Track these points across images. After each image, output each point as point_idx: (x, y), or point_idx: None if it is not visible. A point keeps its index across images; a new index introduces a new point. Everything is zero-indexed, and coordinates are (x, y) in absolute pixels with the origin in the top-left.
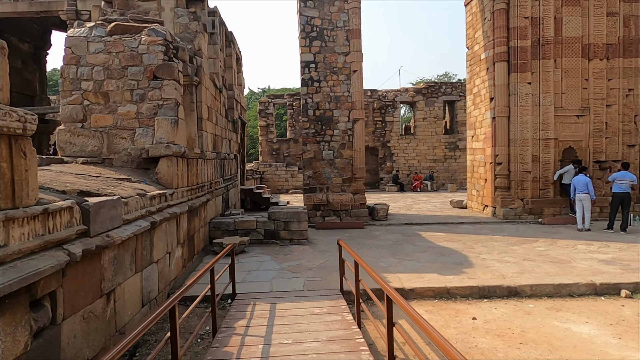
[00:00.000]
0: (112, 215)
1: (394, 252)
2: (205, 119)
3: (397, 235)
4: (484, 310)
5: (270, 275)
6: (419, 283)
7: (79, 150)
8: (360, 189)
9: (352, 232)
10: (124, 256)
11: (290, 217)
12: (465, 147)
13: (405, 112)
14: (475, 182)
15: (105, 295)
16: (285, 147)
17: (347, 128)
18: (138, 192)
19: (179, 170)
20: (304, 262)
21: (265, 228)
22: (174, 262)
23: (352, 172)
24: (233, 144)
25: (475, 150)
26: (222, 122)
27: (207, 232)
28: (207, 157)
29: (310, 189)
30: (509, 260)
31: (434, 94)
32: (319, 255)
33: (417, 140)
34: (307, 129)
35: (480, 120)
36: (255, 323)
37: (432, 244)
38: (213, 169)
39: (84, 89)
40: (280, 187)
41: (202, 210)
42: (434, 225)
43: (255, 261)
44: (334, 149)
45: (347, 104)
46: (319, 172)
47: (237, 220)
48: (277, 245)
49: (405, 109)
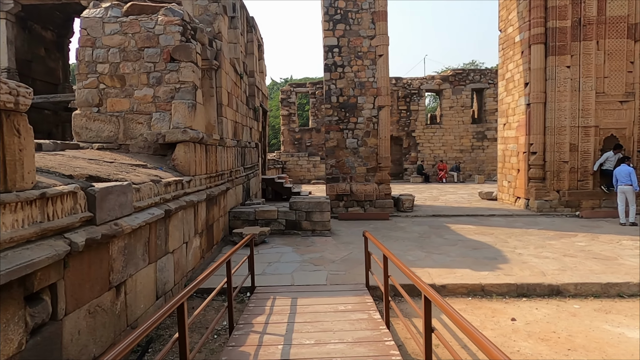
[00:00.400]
0: (121, 202)
1: (422, 245)
2: (225, 105)
3: (424, 228)
4: (523, 311)
5: (291, 267)
6: (450, 279)
7: (95, 136)
8: (385, 179)
9: (377, 224)
10: (135, 246)
11: (312, 207)
12: (493, 136)
13: (429, 101)
14: (507, 172)
15: (115, 287)
16: (307, 137)
17: (372, 115)
18: (152, 178)
19: (196, 157)
20: (327, 254)
21: (287, 218)
22: (192, 252)
23: (376, 161)
24: (254, 132)
25: (507, 139)
26: (242, 109)
27: (227, 221)
28: (227, 144)
29: (333, 179)
30: (547, 256)
31: (462, 81)
32: (342, 247)
33: (443, 130)
34: (330, 117)
35: (513, 108)
36: (274, 320)
37: (462, 237)
38: (233, 157)
39: (99, 72)
40: (302, 177)
41: (222, 199)
42: (463, 217)
43: (276, 252)
44: (358, 137)
45: (372, 90)
46: (342, 161)
47: (257, 210)
48: (299, 236)
49: (430, 98)
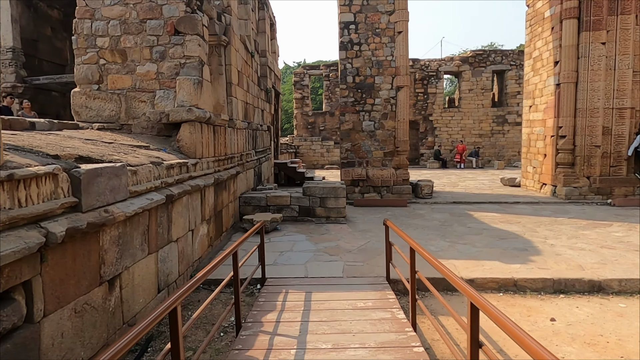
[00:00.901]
0: (113, 185)
1: (444, 234)
2: (235, 84)
3: (445, 215)
4: (562, 309)
5: (305, 257)
6: (479, 272)
7: (95, 115)
8: (403, 164)
9: (394, 211)
10: (132, 235)
11: (326, 193)
12: (515, 121)
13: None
14: (532, 157)
15: (107, 282)
16: (320, 121)
17: (390, 96)
18: (153, 160)
19: (203, 138)
20: (343, 243)
21: (300, 204)
22: (198, 240)
23: (394, 145)
24: (266, 115)
25: (533, 122)
26: (254, 90)
27: (237, 207)
28: (237, 126)
29: (348, 163)
30: (583, 248)
31: (482, 63)
32: (358, 235)
33: (462, 114)
34: (345, 98)
35: (540, 88)
36: (286, 317)
37: (487, 226)
38: (244, 139)
39: (99, 46)
40: (315, 162)
41: (232, 184)
42: (486, 204)
43: (289, 240)
44: (375, 119)
45: (391, 69)
46: (358, 144)
47: (269, 195)
48: (313, 224)
49: (447, 82)
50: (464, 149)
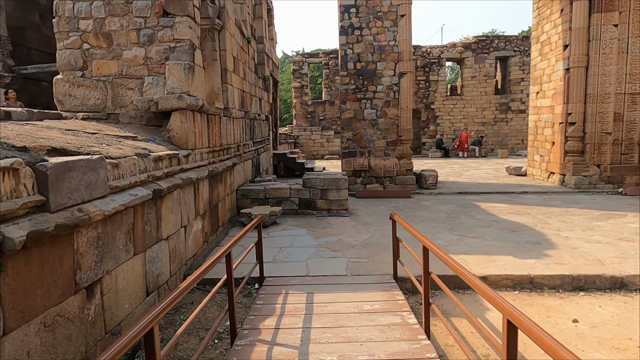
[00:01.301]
0: (89, 181)
1: (451, 226)
2: (231, 71)
3: (451, 206)
4: (584, 309)
5: (306, 253)
6: (492, 269)
7: (80, 104)
8: (406, 153)
9: (398, 202)
10: (114, 235)
11: (328, 185)
12: (518, 108)
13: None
14: (539, 145)
15: (85, 289)
16: (320, 110)
17: (393, 83)
18: (138, 151)
19: (196, 128)
20: (345, 237)
21: (300, 197)
22: (192, 237)
23: (397, 133)
24: (264, 104)
25: (540, 109)
26: (251, 78)
27: (235, 200)
28: (233, 115)
29: (349, 153)
30: (599, 240)
31: (485, 49)
32: (362, 229)
33: (464, 102)
34: (346, 85)
35: (548, 74)
36: (287, 323)
37: (496, 218)
38: (241, 129)
39: (82, 30)
40: (315, 152)
41: (228, 176)
42: (492, 194)
43: (288, 235)
44: (377, 107)
45: (393, 54)
46: (359, 133)
47: (267, 187)
48: (313, 217)
49: (448, 70)
50: (467, 137)
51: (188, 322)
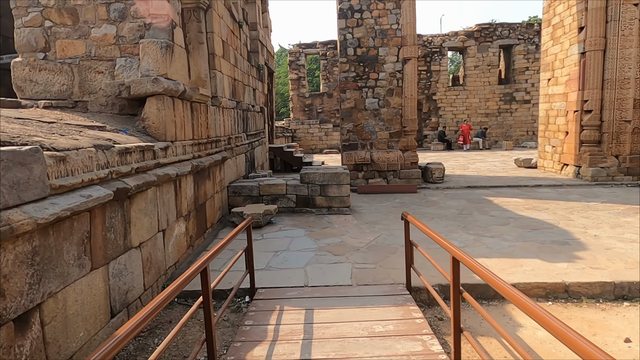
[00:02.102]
0: (16, 179)
1: (465, 224)
2: (220, 56)
3: (461, 202)
4: (633, 323)
5: (304, 258)
6: (519, 275)
7: (43, 91)
8: (410, 145)
9: (403, 198)
10: (59, 247)
11: (328, 180)
12: (522, 98)
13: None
14: (551, 136)
15: (13, 321)
16: (318, 102)
17: (396, 70)
18: (100, 143)
19: (177, 117)
20: (348, 238)
21: (297, 193)
22: (173, 242)
23: (401, 124)
24: (259, 95)
25: (552, 96)
26: (243, 66)
27: (226, 198)
28: (222, 104)
29: (350, 146)
30: (634, 239)
31: (488, 37)
32: (366, 228)
33: (467, 92)
34: (345, 72)
35: (562, 59)
36: (280, 353)
37: (512, 214)
38: (232, 120)
39: (43, 5)
40: (313, 146)
41: (217, 172)
42: (504, 188)
43: (285, 237)
44: (380, 96)
45: (396, 39)
46: (360, 125)
47: (262, 183)
48: (312, 215)
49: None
50: (469, 129)
51: (161, 349)
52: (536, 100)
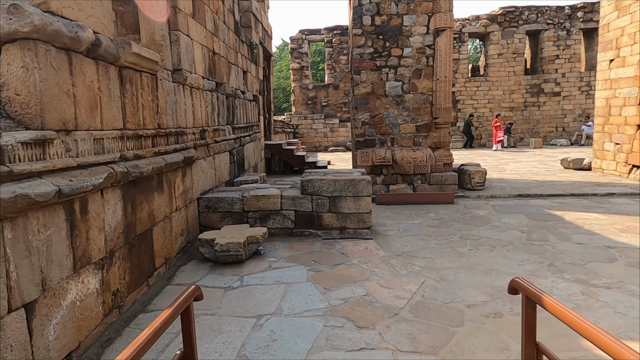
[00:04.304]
0: None
1: (547, 259)
2: (188, 13)
3: (521, 218)
4: None
5: (307, 336)
6: None
7: None
8: (443, 142)
9: (438, 211)
10: None
11: (340, 190)
12: (552, 90)
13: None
14: (614, 130)
15: None
16: (323, 95)
17: (425, 44)
18: None
19: (77, 87)
20: (376, 287)
21: (297, 209)
22: (64, 316)
23: (431, 114)
24: (251, 79)
25: (616, 81)
26: (228, 38)
27: (195, 215)
28: (190, 82)
29: (365, 142)
30: None
31: (514, 22)
32: (400, 266)
33: (490, 83)
34: (360, 48)
35: (632, 33)
36: None
37: (607, 240)
38: (209, 107)
39: None
40: (317, 143)
41: (177, 179)
42: (566, 198)
43: (276, 281)
44: (404, 78)
45: (426, 4)
46: (379, 115)
47: (247, 195)
48: (318, 240)
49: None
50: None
51: None
52: (567, 92)
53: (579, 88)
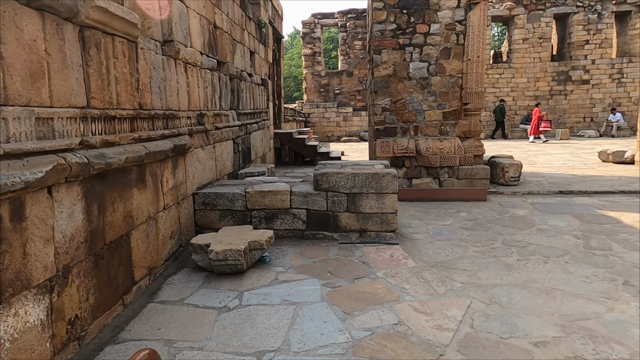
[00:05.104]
0: None
1: (621, 276)
2: None
3: (569, 220)
4: None
5: None
6: None
7: None
8: (474, 130)
9: (471, 209)
10: None
11: (360, 185)
12: (580, 78)
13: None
14: None
15: None
16: (336, 82)
17: (456, 20)
18: None
19: (5, 44)
20: (409, 311)
21: (310, 207)
22: None
23: (460, 99)
24: (259, 61)
25: None
26: (232, 12)
27: (189, 214)
28: (185, 56)
29: (385, 131)
30: None
31: (540, 4)
32: (436, 282)
33: (513, 70)
34: (381, 24)
35: None
36: None
37: None
38: (208, 87)
39: None
40: (329, 133)
41: (166, 171)
42: (616, 195)
43: (283, 301)
44: (430, 58)
45: None
46: (401, 100)
47: (250, 190)
48: (334, 245)
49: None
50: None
51: None
52: (597, 80)
53: (610, 76)
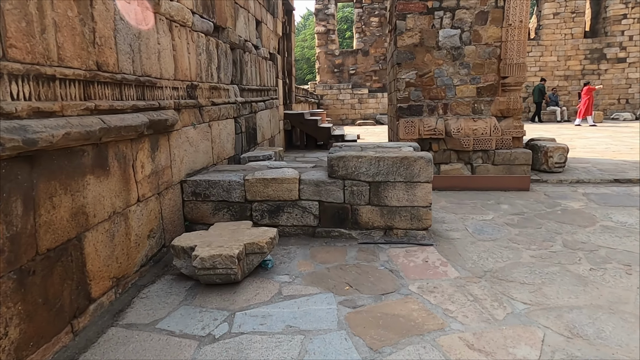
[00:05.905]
0: None
1: None
2: None
3: (637, 214)
4: None
5: None
6: None
7: None
8: (513, 109)
9: (513, 200)
10: None
11: (386, 172)
12: (615, 56)
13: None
14: None
15: None
16: (351, 62)
17: None
18: None
19: None
20: (459, 347)
21: (322, 199)
22: None
23: (497, 72)
24: (267, 33)
25: None
26: None
27: (177, 206)
28: (165, 10)
29: (409, 109)
30: None
31: None
32: (486, 297)
33: (542, 48)
34: None
35: None
36: None
37: None
38: (201, 53)
39: None
40: (343, 116)
41: (139, 153)
42: None
43: (286, 327)
44: (464, 24)
45: None
46: (429, 74)
47: (250, 178)
48: (353, 247)
49: None
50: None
51: None
52: (634, 58)
53: None
